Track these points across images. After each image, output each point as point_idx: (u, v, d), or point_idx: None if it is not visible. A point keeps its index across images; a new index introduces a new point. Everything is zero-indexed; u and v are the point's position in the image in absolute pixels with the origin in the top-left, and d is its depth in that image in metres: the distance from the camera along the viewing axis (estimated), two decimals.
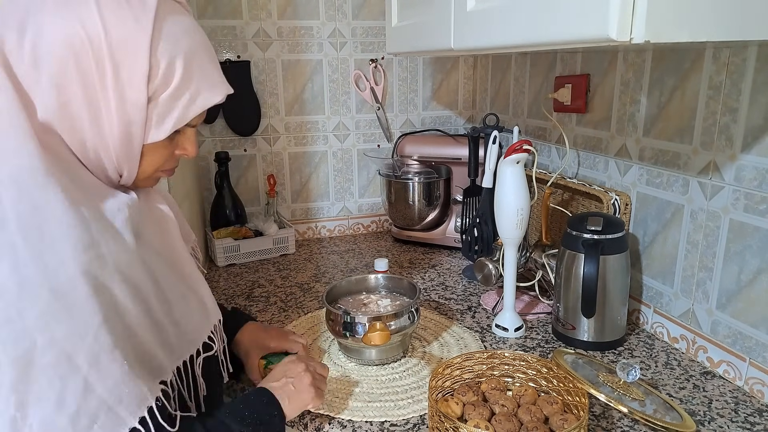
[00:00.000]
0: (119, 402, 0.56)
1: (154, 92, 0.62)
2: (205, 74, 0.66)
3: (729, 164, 0.93)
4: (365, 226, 1.87)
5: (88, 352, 0.55)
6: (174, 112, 0.64)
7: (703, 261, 0.99)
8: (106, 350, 0.56)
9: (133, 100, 0.61)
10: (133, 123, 0.62)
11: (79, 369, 0.54)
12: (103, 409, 0.55)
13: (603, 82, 1.21)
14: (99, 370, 0.55)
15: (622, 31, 0.62)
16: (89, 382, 0.55)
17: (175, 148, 0.69)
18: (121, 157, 0.64)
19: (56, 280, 0.54)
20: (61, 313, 0.54)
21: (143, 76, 0.60)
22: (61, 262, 0.55)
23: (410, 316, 1.01)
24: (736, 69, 0.90)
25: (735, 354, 0.95)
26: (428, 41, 1.15)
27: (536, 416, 0.80)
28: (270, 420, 0.75)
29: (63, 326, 0.54)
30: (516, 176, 1.05)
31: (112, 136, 0.62)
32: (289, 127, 1.72)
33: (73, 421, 0.54)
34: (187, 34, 0.64)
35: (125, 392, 0.57)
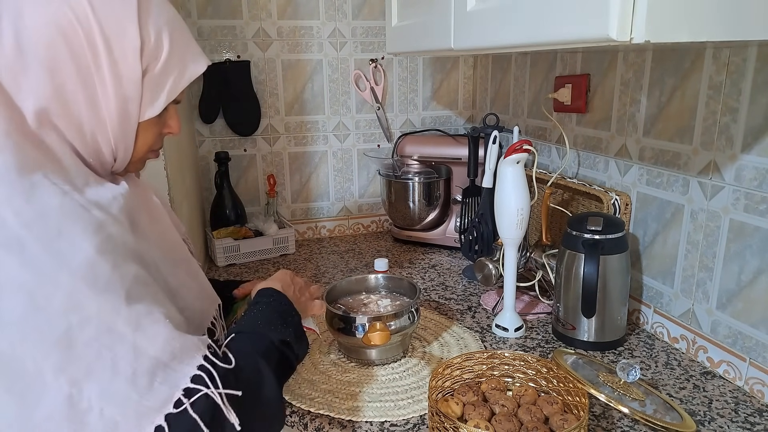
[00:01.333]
0: (173, 357, 0.57)
1: (147, 66, 0.62)
2: (188, 45, 0.67)
3: (729, 164, 0.92)
4: (365, 226, 1.87)
5: (126, 320, 0.55)
6: (166, 85, 0.64)
7: (703, 261, 0.99)
8: (143, 314, 0.56)
9: (128, 75, 0.60)
10: (130, 100, 0.62)
11: (123, 336, 0.55)
12: (159, 366, 0.56)
13: (603, 82, 1.21)
14: (144, 332, 0.56)
15: (623, 31, 0.62)
16: (138, 345, 0.55)
17: (163, 126, 0.70)
18: (118, 137, 0.64)
19: (74, 263, 0.54)
20: (87, 292, 0.54)
21: (136, 51, 0.60)
22: (73, 245, 0.54)
23: (410, 316, 1.01)
24: (736, 69, 0.90)
25: (735, 354, 0.95)
26: (428, 41, 1.15)
27: (536, 416, 0.80)
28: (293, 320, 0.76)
29: (93, 303, 0.54)
30: (516, 176, 1.05)
31: (109, 115, 0.62)
32: (289, 127, 1.72)
33: (133, 383, 0.54)
34: (164, 8, 0.65)
35: (176, 347, 0.57)
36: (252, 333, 0.70)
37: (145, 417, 0.54)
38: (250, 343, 0.68)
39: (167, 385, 0.56)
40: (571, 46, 0.74)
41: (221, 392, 0.58)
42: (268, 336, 0.70)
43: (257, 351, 0.67)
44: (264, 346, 0.68)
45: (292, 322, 0.75)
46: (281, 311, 0.75)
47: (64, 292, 0.53)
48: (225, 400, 0.58)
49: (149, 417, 0.54)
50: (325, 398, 0.92)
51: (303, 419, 0.88)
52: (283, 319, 0.74)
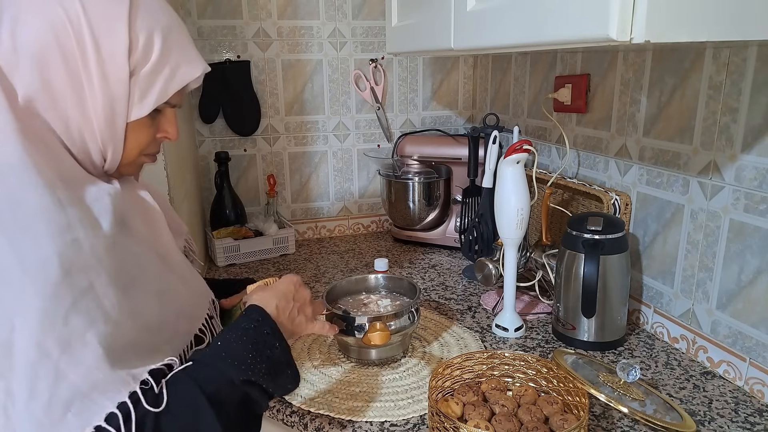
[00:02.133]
0: (93, 388, 0.54)
1: (135, 67, 0.62)
2: (183, 49, 0.67)
3: (729, 164, 0.92)
4: (365, 226, 1.87)
5: (58, 337, 0.53)
6: (155, 86, 0.64)
7: (704, 261, 0.99)
8: (76, 335, 0.54)
9: (115, 75, 0.61)
10: (117, 99, 0.62)
11: (49, 355, 0.53)
12: (77, 396, 0.53)
13: (603, 81, 1.21)
14: (71, 355, 0.53)
15: (623, 30, 0.62)
16: (60, 369, 0.53)
17: (157, 130, 0.69)
18: (105, 136, 0.64)
19: (28, 262, 0.53)
20: (32, 295, 0.53)
21: (124, 51, 0.61)
22: (35, 244, 0.54)
23: (410, 316, 1.01)
24: (736, 69, 0.90)
25: (735, 354, 0.94)
26: (428, 41, 1.15)
27: (536, 416, 0.80)
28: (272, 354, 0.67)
29: (34, 309, 0.53)
30: (516, 176, 1.05)
31: (96, 113, 0.62)
32: (289, 127, 1.72)
33: (47, 411, 0.52)
34: (162, 11, 0.65)
35: (99, 378, 0.55)
36: (207, 366, 0.62)
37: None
38: (199, 380, 0.60)
39: (80, 418, 0.53)
40: (571, 46, 0.74)
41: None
42: (227, 374, 0.62)
43: (204, 391, 0.59)
44: (215, 386, 0.60)
45: (268, 356, 0.66)
46: (259, 341, 0.66)
47: (13, 292, 0.53)
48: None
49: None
50: (325, 398, 0.92)
51: (303, 419, 0.88)
52: (258, 352, 0.65)
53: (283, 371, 0.68)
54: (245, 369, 0.63)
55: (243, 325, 0.67)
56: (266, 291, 0.75)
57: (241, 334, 0.66)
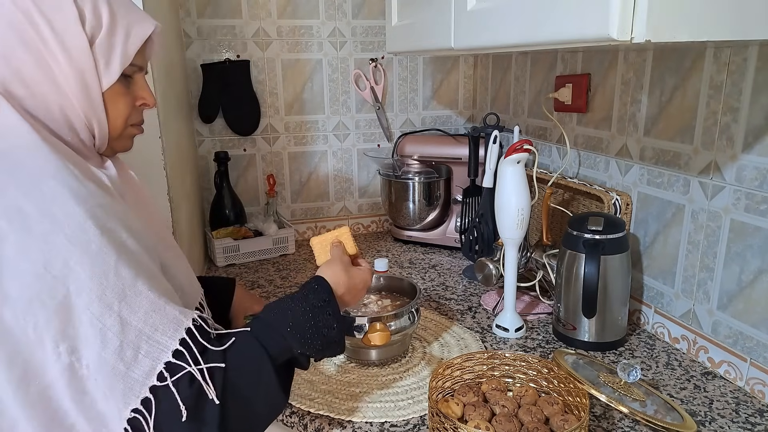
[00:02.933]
0: (155, 329, 0.59)
1: (92, 34, 0.64)
2: (129, 10, 0.68)
3: (730, 164, 0.92)
4: (365, 226, 1.86)
5: (113, 289, 0.57)
6: (116, 49, 0.66)
7: (704, 261, 0.99)
8: (128, 284, 0.58)
9: (76, 46, 0.63)
10: (85, 70, 0.64)
11: (111, 306, 0.57)
12: (143, 338, 0.58)
13: (604, 81, 1.21)
14: (129, 303, 0.58)
15: (623, 30, 0.62)
16: (123, 317, 0.57)
17: (135, 99, 0.71)
18: (86, 109, 0.65)
19: (69, 228, 0.56)
20: (80, 257, 0.56)
21: (76, 21, 0.62)
22: (67, 212, 0.57)
23: (410, 317, 1.01)
24: (737, 69, 0.90)
25: (736, 354, 0.94)
26: (428, 40, 1.15)
27: (537, 417, 0.80)
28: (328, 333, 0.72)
29: (86, 269, 0.56)
30: (516, 176, 1.05)
31: (70, 89, 0.63)
32: (289, 127, 1.72)
33: (120, 355, 0.57)
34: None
35: (158, 320, 0.59)
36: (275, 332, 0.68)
37: (132, 389, 0.57)
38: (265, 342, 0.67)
39: (150, 358, 0.58)
40: (571, 45, 0.73)
41: (202, 368, 0.60)
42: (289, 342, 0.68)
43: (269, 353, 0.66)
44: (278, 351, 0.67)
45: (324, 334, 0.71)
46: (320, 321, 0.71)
47: (62, 259, 0.56)
48: (206, 374, 0.60)
49: (135, 389, 0.57)
50: (324, 399, 0.92)
51: (303, 420, 0.88)
52: (317, 330, 0.71)
53: (332, 347, 0.74)
54: (303, 343, 0.69)
55: (312, 301, 0.73)
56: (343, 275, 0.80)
57: (309, 309, 0.72)
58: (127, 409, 0.57)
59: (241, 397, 0.63)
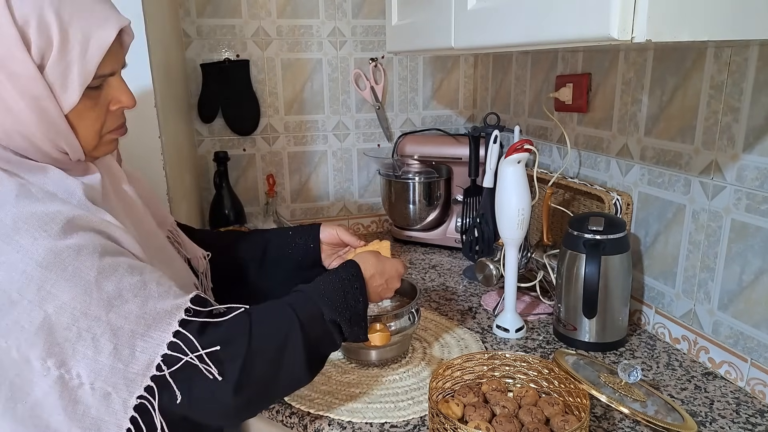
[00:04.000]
0: (148, 327, 0.60)
1: (42, 57, 0.57)
2: (87, 14, 0.59)
3: (731, 164, 0.92)
4: (365, 226, 1.86)
5: (98, 303, 0.57)
6: (72, 68, 0.58)
7: (705, 261, 0.99)
8: (113, 295, 0.58)
9: (25, 74, 0.56)
10: (39, 97, 0.58)
11: (98, 318, 0.57)
12: (136, 337, 0.59)
13: (604, 81, 1.20)
14: (116, 311, 0.58)
15: (624, 30, 0.61)
16: (113, 323, 0.58)
17: (108, 103, 0.65)
18: (51, 134, 0.61)
19: (38, 254, 0.55)
20: (57, 281, 0.56)
21: (19, 46, 0.55)
22: (33, 237, 0.56)
23: (411, 317, 1.01)
24: (737, 68, 0.89)
25: (736, 355, 0.94)
26: (429, 40, 1.14)
27: (537, 417, 0.79)
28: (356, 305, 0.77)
29: (65, 291, 0.56)
30: (517, 176, 1.04)
31: (28, 117, 0.59)
32: (289, 127, 1.72)
33: (116, 355, 0.58)
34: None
35: (150, 317, 0.60)
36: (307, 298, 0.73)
37: (134, 382, 0.59)
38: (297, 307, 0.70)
39: (147, 353, 0.59)
40: (572, 45, 0.73)
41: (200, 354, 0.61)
42: (321, 308, 0.72)
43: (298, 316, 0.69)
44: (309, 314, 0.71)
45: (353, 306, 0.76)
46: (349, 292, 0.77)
47: (36, 286, 0.55)
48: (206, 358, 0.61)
49: (137, 381, 0.59)
50: (324, 399, 0.92)
51: (302, 420, 0.87)
52: (346, 300, 0.76)
53: (359, 323, 0.78)
54: (335, 309, 0.73)
55: (341, 275, 0.78)
56: (372, 258, 0.85)
57: (338, 281, 0.77)
58: (132, 397, 0.58)
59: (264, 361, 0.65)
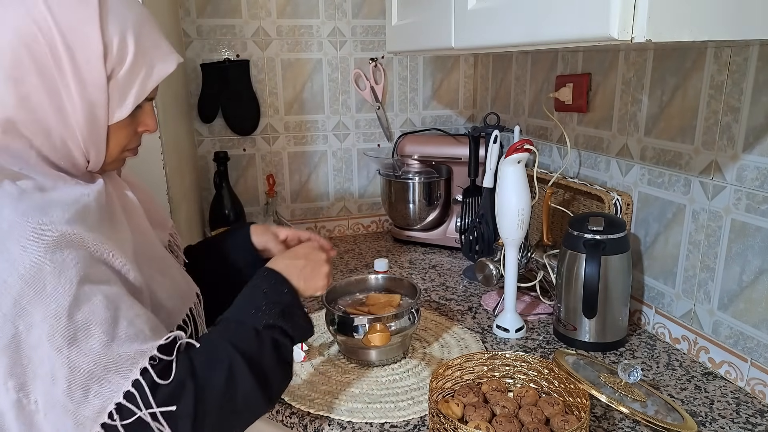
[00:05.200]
0: (107, 370, 0.57)
1: (112, 70, 0.62)
2: (156, 45, 0.66)
3: (731, 164, 0.92)
4: (365, 226, 1.86)
5: (64, 332, 0.55)
6: (133, 87, 0.64)
7: (705, 261, 0.99)
8: (81, 327, 0.56)
9: (93, 81, 0.61)
10: (97, 105, 0.62)
11: (60, 349, 0.55)
12: (93, 379, 0.56)
13: (604, 81, 1.20)
14: (79, 347, 0.56)
15: (624, 30, 0.61)
16: (71, 359, 0.55)
17: (137, 125, 0.69)
18: (87, 141, 0.64)
19: (23, 266, 0.54)
20: (33, 298, 0.54)
21: (99, 57, 0.60)
22: (23, 247, 0.55)
23: (410, 317, 1.01)
24: (737, 68, 0.89)
25: (736, 355, 0.94)
26: (429, 40, 1.14)
27: (537, 417, 0.79)
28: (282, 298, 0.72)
29: (38, 309, 0.54)
30: (517, 176, 1.04)
31: (77, 121, 0.62)
32: (289, 127, 1.72)
33: (68, 394, 0.55)
34: (130, 8, 0.64)
35: (110, 360, 0.57)
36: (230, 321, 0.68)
37: (83, 425, 0.56)
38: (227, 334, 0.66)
39: (100, 398, 0.56)
40: (572, 45, 0.73)
41: (153, 412, 0.57)
42: (248, 323, 0.67)
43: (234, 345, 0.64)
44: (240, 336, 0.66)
45: (278, 300, 0.71)
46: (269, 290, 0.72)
47: (12, 298, 0.54)
48: (159, 417, 0.58)
49: (86, 426, 0.56)
50: (324, 399, 0.92)
51: (302, 420, 0.87)
52: (269, 299, 0.70)
53: (295, 313, 0.72)
54: (261, 315, 0.68)
55: (253, 282, 0.74)
56: (282, 254, 0.82)
57: (252, 288, 0.73)
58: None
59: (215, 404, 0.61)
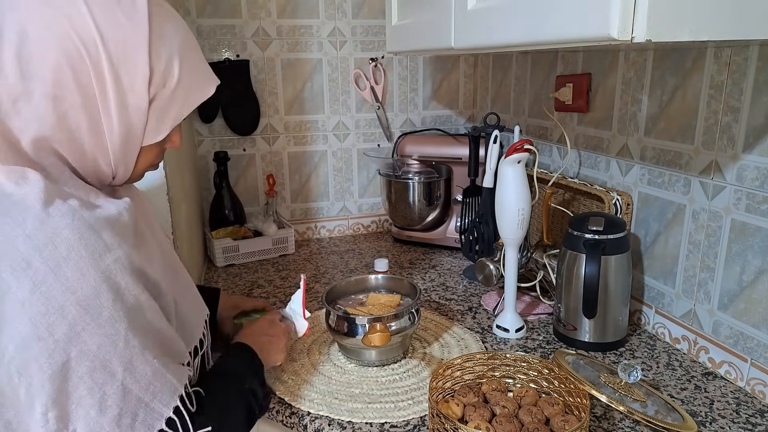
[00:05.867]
0: (153, 397, 0.59)
1: (155, 95, 0.61)
2: (197, 70, 0.65)
3: (731, 164, 0.92)
4: (365, 226, 1.86)
5: (121, 358, 0.56)
6: (172, 111, 0.63)
7: (705, 261, 0.99)
8: (137, 353, 0.57)
9: (135, 105, 0.59)
10: (135, 127, 0.61)
11: (114, 375, 0.56)
12: (141, 406, 0.58)
13: (604, 81, 1.20)
14: (133, 372, 0.57)
15: (624, 30, 0.61)
16: (126, 385, 0.57)
17: (165, 142, 0.68)
18: (119, 159, 0.63)
19: (81, 292, 0.54)
20: (90, 324, 0.54)
21: (145, 81, 0.59)
22: (81, 273, 0.54)
23: (410, 317, 1.01)
24: (737, 68, 0.89)
25: (736, 355, 0.94)
26: (429, 40, 1.14)
27: (537, 417, 0.79)
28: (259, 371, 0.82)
29: (94, 337, 0.54)
30: (517, 176, 1.04)
31: (112, 142, 0.61)
32: (289, 127, 1.72)
33: (117, 422, 0.56)
34: (176, 31, 0.63)
35: (158, 387, 0.59)
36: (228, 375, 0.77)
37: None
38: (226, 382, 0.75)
39: (145, 425, 0.58)
40: (572, 45, 0.73)
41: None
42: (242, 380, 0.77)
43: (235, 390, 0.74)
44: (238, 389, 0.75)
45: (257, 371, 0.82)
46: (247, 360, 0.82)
47: (68, 324, 0.53)
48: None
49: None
50: (324, 399, 0.92)
51: (302, 420, 0.87)
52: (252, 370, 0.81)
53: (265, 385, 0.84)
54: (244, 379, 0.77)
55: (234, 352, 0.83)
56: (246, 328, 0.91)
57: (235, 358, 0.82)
58: None
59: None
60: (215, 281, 1.44)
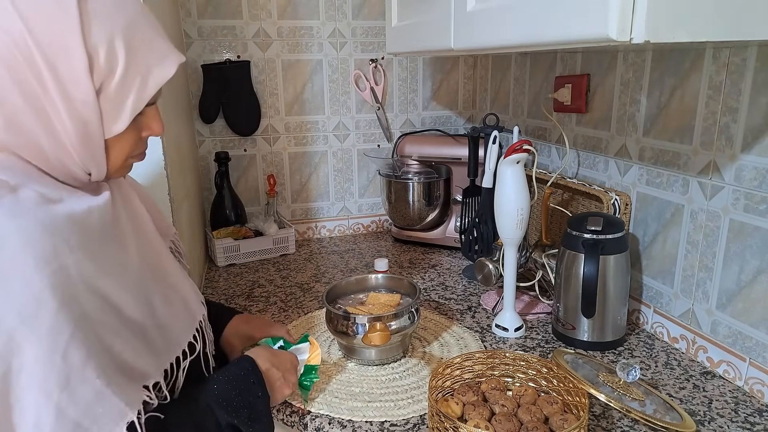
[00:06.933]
0: (94, 422, 0.54)
1: (102, 83, 0.56)
2: (152, 48, 0.59)
3: (729, 164, 0.92)
4: (365, 226, 1.87)
5: (57, 375, 0.52)
6: (128, 99, 0.58)
7: (703, 261, 0.99)
8: (75, 370, 0.53)
9: (80, 98, 0.55)
10: (89, 122, 0.56)
11: (50, 395, 0.52)
12: (78, 431, 0.53)
13: (603, 82, 1.21)
14: (69, 393, 0.52)
15: (622, 30, 0.62)
16: (61, 407, 0.52)
17: (141, 130, 0.64)
18: (84, 157, 0.59)
19: (22, 301, 0.51)
20: (28, 334, 0.51)
21: (84, 70, 0.54)
22: (25, 279, 0.51)
23: (410, 316, 1.01)
24: (736, 69, 0.90)
25: (735, 354, 0.94)
26: (428, 41, 1.15)
27: (536, 416, 0.80)
28: (254, 401, 0.73)
29: (33, 348, 0.51)
30: (516, 176, 1.05)
31: (69, 139, 0.57)
32: (289, 127, 1.72)
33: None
34: (120, 8, 0.57)
35: (99, 411, 0.54)
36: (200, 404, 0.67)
37: None
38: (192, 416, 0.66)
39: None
40: (571, 46, 0.74)
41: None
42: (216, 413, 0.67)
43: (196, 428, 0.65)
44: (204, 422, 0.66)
45: (250, 402, 0.72)
46: (245, 388, 0.73)
47: (7, 335, 0.50)
48: None
49: None
50: (324, 398, 0.92)
51: (303, 419, 0.88)
52: (242, 397, 0.71)
53: (261, 419, 0.73)
54: (230, 411, 0.69)
55: (234, 371, 0.74)
56: (265, 351, 0.82)
57: (232, 378, 0.73)
58: None
59: None
60: (216, 281, 1.45)
